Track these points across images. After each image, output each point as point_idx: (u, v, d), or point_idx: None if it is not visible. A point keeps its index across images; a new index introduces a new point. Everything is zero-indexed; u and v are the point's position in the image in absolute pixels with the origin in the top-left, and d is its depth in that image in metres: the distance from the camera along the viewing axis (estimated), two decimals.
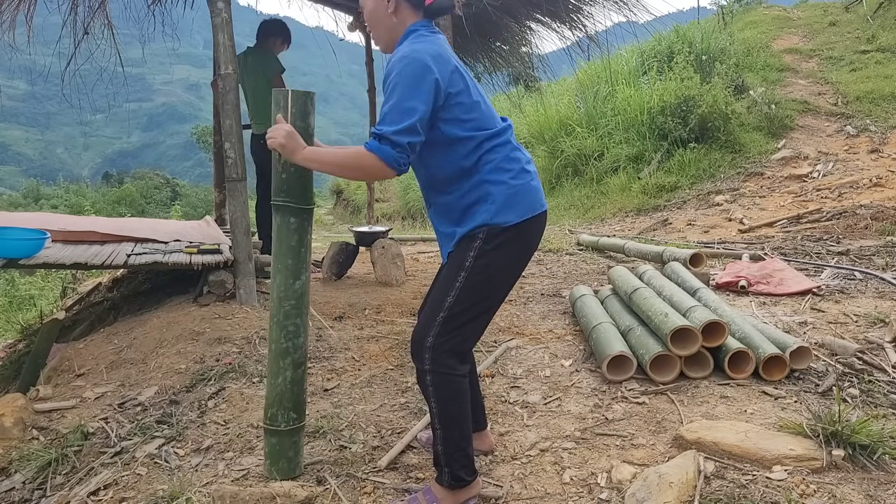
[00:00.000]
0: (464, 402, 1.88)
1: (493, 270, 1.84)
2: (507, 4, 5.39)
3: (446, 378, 1.84)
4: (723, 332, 2.72)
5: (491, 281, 1.85)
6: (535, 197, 1.90)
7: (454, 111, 1.81)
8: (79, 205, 22.67)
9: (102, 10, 4.90)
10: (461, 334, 1.85)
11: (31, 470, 2.38)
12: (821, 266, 4.46)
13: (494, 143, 1.86)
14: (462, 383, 1.88)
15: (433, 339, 1.83)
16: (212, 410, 2.67)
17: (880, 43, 11.27)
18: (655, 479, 1.86)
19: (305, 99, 1.94)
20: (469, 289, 1.82)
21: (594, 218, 8.54)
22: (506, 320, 3.70)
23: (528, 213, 1.86)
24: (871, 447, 1.95)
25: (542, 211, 1.92)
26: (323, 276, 4.93)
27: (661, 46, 11.29)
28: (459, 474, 1.87)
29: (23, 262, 3.56)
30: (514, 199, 1.84)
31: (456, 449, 1.86)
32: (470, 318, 1.85)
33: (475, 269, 1.82)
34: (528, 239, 1.90)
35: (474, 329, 1.90)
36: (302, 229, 2.02)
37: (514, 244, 1.86)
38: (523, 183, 1.87)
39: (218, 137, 5.39)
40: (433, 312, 1.85)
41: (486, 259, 1.82)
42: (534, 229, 1.91)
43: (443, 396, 1.84)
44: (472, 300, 1.83)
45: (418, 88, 1.72)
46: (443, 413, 1.85)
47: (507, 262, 1.87)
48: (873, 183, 6.99)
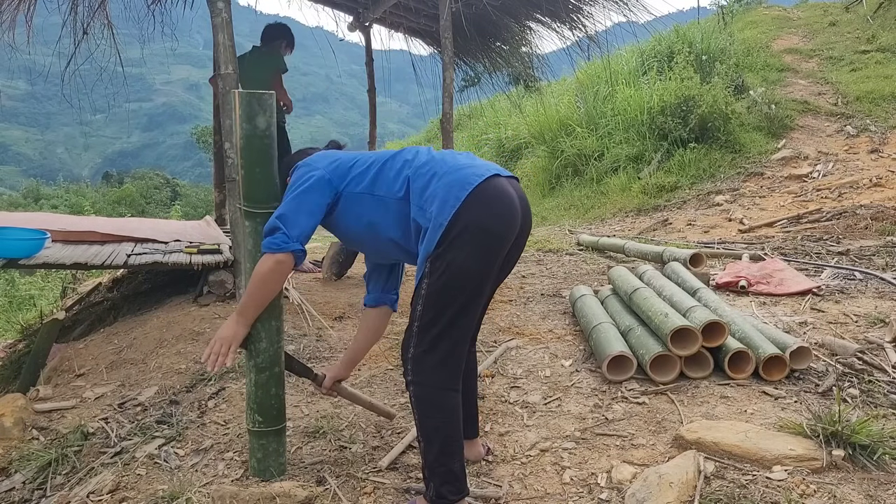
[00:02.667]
0: (448, 418, 1.80)
1: (454, 270, 1.73)
2: (507, 4, 5.39)
3: (426, 388, 1.79)
4: (723, 333, 2.72)
5: (455, 281, 1.74)
6: (463, 176, 1.77)
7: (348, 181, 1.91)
8: (79, 205, 22.66)
9: (102, 10, 4.90)
10: (441, 343, 1.77)
11: (31, 470, 2.38)
12: (821, 266, 4.45)
13: (407, 161, 1.88)
14: (447, 397, 1.80)
15: (413, 350, 1.80)
16: (212, 410, 2.67)
17: (880, 43, 11.27)
18: (655, 479, 1.86)
19: (251, 99, 1.89)
20: (434, 295, 1.75)
21: (594, 218, 8.54)
22: (506, 320, 3.70)
23: (461, 195, 1.73)
24: (871, 447, 1.95)
25: (478, 182, 1.75)
26: (323, 276, 4.93)
27: (661, 46, 11.28)
28: (442, 491, 1.79)
29: (23, 262, 3.56)
30: (440, 197, 1.76)
31: (437, 464, 1.79)
32: (445, 325, 1.77)
33: (433, 273, 1.75)
34: (482, 223, 1.74)
35: (453, 335, 1.79)
36: (256, 233, 1.97)
37: (468, 237, 1.72)
38: (448, 178, 1.78)
39: (218, 137, 5.39)
40: (410, 323, 1.82)
41: (441, 261, 1.74)
42: (481, 210, 1.74)
43: (424, 409, 1.80)
44: (440, 306, 1.76)
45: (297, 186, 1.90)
46: (423, 425, 1.80)
47: (467, 257, 1.73)
48: (873, 183, 6.98)
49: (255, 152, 1.93)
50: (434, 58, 6.45)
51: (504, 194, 1.79)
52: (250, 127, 1.89)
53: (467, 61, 6.74)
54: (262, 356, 2.05)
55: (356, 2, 5.91)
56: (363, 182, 1.90)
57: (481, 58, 6.57)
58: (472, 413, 2.17)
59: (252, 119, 1.89)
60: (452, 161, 1.84)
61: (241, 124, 1.89)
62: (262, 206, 1.97)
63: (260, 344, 2.04)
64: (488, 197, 1.76)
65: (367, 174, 1.91)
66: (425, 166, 1.84)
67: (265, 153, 1.94)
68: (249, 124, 1.89)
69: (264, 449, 2.10)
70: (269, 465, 2.11)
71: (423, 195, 1.80)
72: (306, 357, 3.20)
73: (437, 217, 1.74)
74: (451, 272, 1.73)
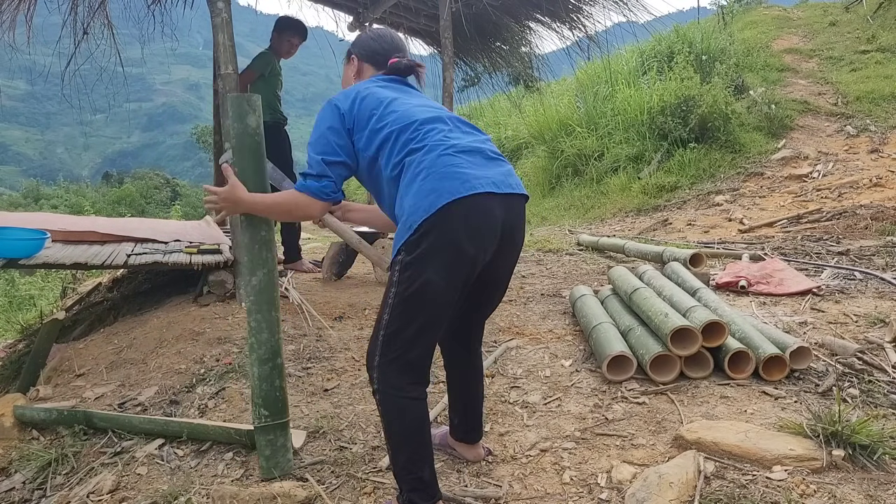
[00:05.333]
0: (413, 426, 1.77)
1: (421, 282, 1.67)
2: (507, 4, 5.40)
3: (391, 397, 1.76)
4: (723, 332, 2.72)
5: (421, 294, 1.68)
6: (449, 186, 1.67)
7: (365, 135, 1.86)
8: (79, 205, 22.68)
9: (102, 10, 4.90)
10: (406, 353, 1.73)
11: (31, 470, 2.38)
12: (821, 266, 4.45)
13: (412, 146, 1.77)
14: (411, 406, 1.76)
15: (378, 358, 1.75)
16: (212, 410, 2.67)
17: (880, 43, 11.27)
18: (655, 479, 1.86)
19: (241, 101, 2.01)
20: (400, 305, 1.71)
21: (594, 218, 8.54)
22: (506, 320, 3.70)
23: (437, 204, 1.64)
24: (871, 447, 1.95)
25: (459, 196, 1.64)
26: (323, 276, 4.93)
27: (661, 46, 11.29)
28: (412, 497, 1.77)
29: (23, 262, 3.56)
30: (417, 197, 1.69)
31: (405, 472, 1.77)
32: (410, 337, 1.72)
33: (401, 283, 1.70)
34: (451, 238, 1.65)
35: (418, 345, 1.74)
36: (252, 226, 2.04)
37: (436, 250, 1.66)
38: (433, 182, 1.68)
39: (218, 137, 5.38)
40: (376, 330, 1.77)
41: (409, 271, 1.68)
42: (453, 225, 1.65)
43: (388, 415, 1.77)
44: (406, 317, 1.71)
45: (325, 125, 1.87)
46: (388, 432, 1.79)
47: (434, 272, 1.66)
48: (873, 183, 6.98)
49: (246, 150, 2.03)
50: (434, 58, 6.46)
51: (485, 215, 1.70)
52: (241, 126, 2.01)
53: (467, 61, 6.75)
54: (263, 347, 2.09)
55: (356, 2, 5.91)
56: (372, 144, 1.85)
57: (481, 58, 6.58)
58: (476, 423, 2.16)
59: (242, 118, 2.01)
60: (453, 161, 1.72)
61: (233, 124, 2.01)
62: None
63: (262, 335, 2.08)
64: (464, 214, 1.66)
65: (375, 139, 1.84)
66: (424, 157, 1.74)
67: (255, 150, 2.04)
68: (240, 123, 2.01)
69: (272, 444, 2.11)
70: (278, 461, 2.12)
71: (409, 188, 1.73)
72: (306, 357, 3.20)
73: (409, 216, 1.69)
74: (418, 284, 1.68)
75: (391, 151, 1.80)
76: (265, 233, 2.06)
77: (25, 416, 2.67)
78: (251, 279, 2.07)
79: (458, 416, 2.15)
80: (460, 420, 2.15)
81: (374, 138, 1.83)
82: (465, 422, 2.15)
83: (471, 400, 2.14)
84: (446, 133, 1.80)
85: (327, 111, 1.90)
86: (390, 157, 1.79)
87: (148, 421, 2.52)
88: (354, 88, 1.93)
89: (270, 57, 4.97)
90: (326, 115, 1.89)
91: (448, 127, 1.83)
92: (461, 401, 2.14)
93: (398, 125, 1.81)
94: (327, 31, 6.29)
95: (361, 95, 1.89)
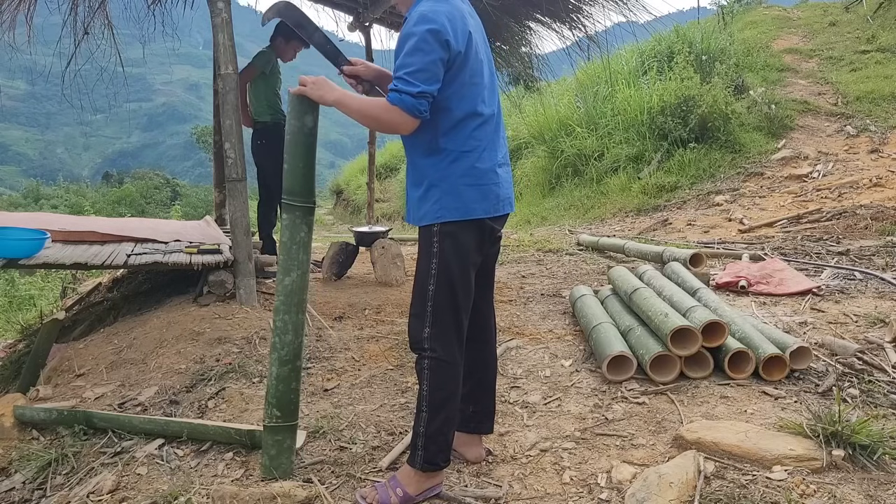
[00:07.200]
0: (455, 390, 1.93)
1: (460, 250, 1.89)
2: (507, 4, 5.40)
3: (444, 366, 1.89)
4: (723, 333, 2.72)
5: (459, 261, 1.89)
6: (489, 203, 1.92)
7: (452, 77, 1.85)
8: (79, 205, 22.67)
9: (102, 10, 4.91)
10: (453, 319, 1.90)
11: (31, 470, 2.38)
12: (821, 266, 4.46)
13: (475, 127, 1.89)
14: (457, 371, 1.93)
15: (429, 329, 1.89)
16: (212, 411, 2.67)
17: (880, 43, 11.27)
18: (655, 479, 1.87)
19: (303, 100, 1.99)
20: (444, 273, 1.88)
21: (594, 218, 8.54)
22: (506, 320, 3.70)
23: (474, 214, 1.89)
24: (871, 447, 1.96)
25: (492, 216, 1.92)
26: (323, 276, 4.93)
27: (661, 46, 11.28)
28: (436, 459, 1.92)
29: (23, 262, 3.56)
30: (465, 198, 1.88)
31: (438, 433, 1.91)
32: (459, 304, 1.90)
33: (442, 252, 1.88)
34: (479, 238, 1.94)
35: (463, 311, 1.93)
36: (293, 226, 2.05)
37: (465, 240, 1.91)
38: (484, 184, 1.91)
39: (218, 137, 5.39)
40: (421, 303, 1.91)
41: (449, 241, 1.88)
42: (483, 234, 1.94)
43: (437, 380, 1.90)
44: (451, 284, 1.88)
45: (430, 44, 1.78)
46: (433, 396, 1.90)
47: (467, 244, 1.91)
48: (873, 183, 6.98)
49: (300, 147, 2.02)
50: None
51: (500, 222, 2.02)
52: (298, 124, 2.00)
53: None
54: (286, 349, 2.09)
55: (356, 2, 5.91)
56: (448, 96, 1.87)
57: None
58: (491, 407, 2.23)
59: (301, 117, 2.00)
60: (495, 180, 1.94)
61: (290, 121, 2.00)
62: (302, 199, 2.05)
63: (286, 336, 2.08)
64: (490, 228, 1.96)
65: (453, 98, 1.87)
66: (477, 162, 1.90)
67: (309, 150, 2.04)
68: (298, 121, 2.00)
69: (279, 445, 2.11)
70: (282, 462, 2.12)
71: (453, 170, 1.87)
72: (306, 357, 3.20)
73: (446, 201, 1.87)
74: (458, 251, 1.88)
75: (455, 126, 1.88)
76: (304, 234, 2.06)
77: (25, 416, 2.67)
78: (284, 279, 2.06)
79: (473, 403, 2.17)
80: (475, 408, 2.17)
81: (453, 98, 1.86)
82: (481, 408, 2.18)
83: (488, 379, 2.18)
84: (495, 141, 1.97)
85: (432, 41, 1.78)
86: (450, 127, 1.87)
87: (148, 421, 2.52)
88: (459, 15, 1.86)
89: (271, 55, 4.97)
90: (434, 46, 1.78)
91: (501, 134, 2.01)
92: (479, 381, 2.16)
93: (470, 109, 1.89)
94: (327, 31, 6.29)
95: (465, 35, 1.85)
